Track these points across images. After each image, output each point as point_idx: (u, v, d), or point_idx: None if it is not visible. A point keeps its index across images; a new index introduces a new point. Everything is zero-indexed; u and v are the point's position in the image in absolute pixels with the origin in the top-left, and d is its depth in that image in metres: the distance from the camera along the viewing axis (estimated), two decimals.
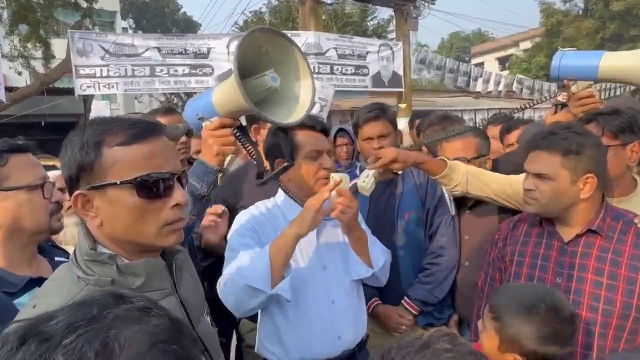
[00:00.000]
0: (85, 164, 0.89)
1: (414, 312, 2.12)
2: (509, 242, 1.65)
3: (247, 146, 1.43)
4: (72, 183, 0.92)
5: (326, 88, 2.48)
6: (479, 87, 12.57)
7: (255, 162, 1.45)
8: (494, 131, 3.23)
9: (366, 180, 1.75)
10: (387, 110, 2.24)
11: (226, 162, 1.35)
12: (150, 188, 0.91)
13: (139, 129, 0.92)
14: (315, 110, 3.31)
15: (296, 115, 1.37)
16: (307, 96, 1.39)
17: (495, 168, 2.16)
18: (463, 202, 2.17)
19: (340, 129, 3.64)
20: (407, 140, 3.86)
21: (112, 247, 0.94)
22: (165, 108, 2.57)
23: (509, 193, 1.88)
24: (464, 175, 1.88)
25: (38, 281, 1.21)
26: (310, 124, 1.66)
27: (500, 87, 12.73)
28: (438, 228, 2.16)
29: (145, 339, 0.42)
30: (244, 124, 1.51)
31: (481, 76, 12.34)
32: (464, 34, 42.23)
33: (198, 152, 1.45)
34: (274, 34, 1.32)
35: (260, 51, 1.32)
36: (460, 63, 11.87)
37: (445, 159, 1.91)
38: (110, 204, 0.91)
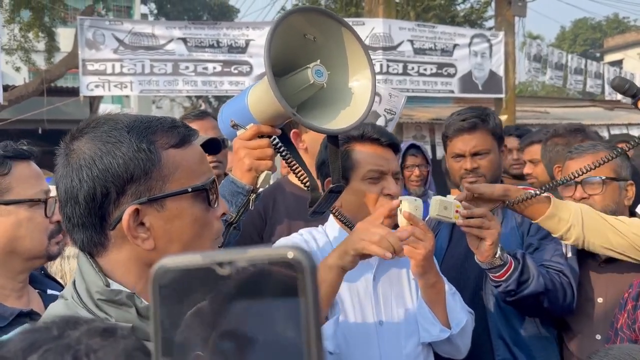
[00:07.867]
0: (140, 171, 0.94)
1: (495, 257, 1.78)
2: None
3: (292, 163, 1.47)
4: (100, 200, 0.94)
5: (395, 97, 2.53)
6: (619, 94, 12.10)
7: (305, 184, 1.48)
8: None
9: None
10: (489, 117, 2.21)
11: (260, 180, 1.44)
12: (209, 196, 1.03)
13: (185, 129, 1.03)
14: (379, 124, 3.35)
15: (348, 120, 1.40)
16: (364, 95, 1.41)
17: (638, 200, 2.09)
18: (592, 253, 2.06)
19: (412, 146, 3.63)
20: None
21: (133, 283, 0.97)
22: (197, 112, 2.98)
23: None
24: (578, 215, 1.79)
25: (29, 315, 1.34)
26: (375, 136, 1.71)
27: None
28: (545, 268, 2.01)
29: (119, 353, 0.49)
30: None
31: None
32: (593, 22, 41.14)
33: None
34: (319, 15, 1.35)
35: (305, 39, 1.37)
36: (589, 61, 11.54)
37: (549, 195, 1.82)
38: (170, 219, 0.98)
